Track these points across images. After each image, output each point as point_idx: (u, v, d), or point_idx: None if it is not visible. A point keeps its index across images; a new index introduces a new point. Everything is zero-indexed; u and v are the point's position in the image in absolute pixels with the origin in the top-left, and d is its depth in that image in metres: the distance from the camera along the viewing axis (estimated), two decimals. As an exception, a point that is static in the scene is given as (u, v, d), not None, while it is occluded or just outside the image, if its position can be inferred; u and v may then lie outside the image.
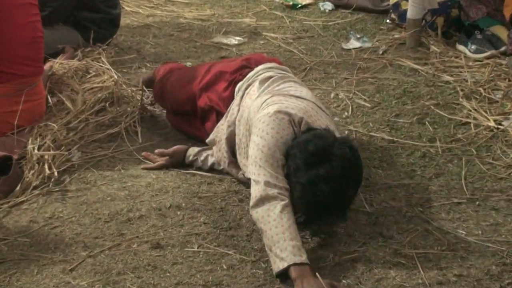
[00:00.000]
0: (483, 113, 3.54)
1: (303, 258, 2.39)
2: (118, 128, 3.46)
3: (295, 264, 2.38)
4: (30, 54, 3.45)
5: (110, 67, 3.85)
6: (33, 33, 3.46)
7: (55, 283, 2.52)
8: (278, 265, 2.42)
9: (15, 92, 3.40)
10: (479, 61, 4.18)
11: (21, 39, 3.40)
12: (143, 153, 3.29)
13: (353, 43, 4.60)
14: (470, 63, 4.17)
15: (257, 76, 3.11)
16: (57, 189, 3.06)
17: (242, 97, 3.07)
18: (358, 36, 4.68)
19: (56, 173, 3.11)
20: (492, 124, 3.43)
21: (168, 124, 3.59)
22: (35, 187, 3.07)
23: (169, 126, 3.57)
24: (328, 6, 5.31)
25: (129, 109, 3.60)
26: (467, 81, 3.91)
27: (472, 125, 3.46)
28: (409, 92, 3.86)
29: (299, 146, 2.60)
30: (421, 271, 2.50)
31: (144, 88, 3.74)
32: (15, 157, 3.17)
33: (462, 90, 3.81)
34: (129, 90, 3.72)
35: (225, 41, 4.65)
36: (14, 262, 2.65)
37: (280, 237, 2.43)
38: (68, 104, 3.53)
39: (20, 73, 3.41)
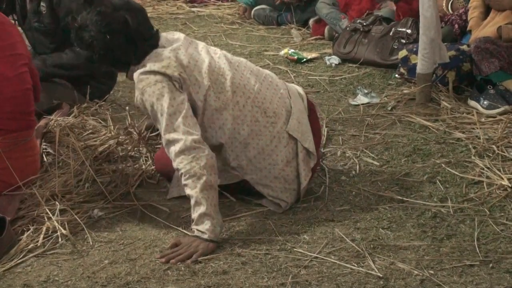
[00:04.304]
0: (497, 171, 3.62)
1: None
2: (116, 186, 3.52)
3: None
4: (18, 108, 3.42)
5: (109, 124, 3.93)
6: (21, 86, 3.43)
7: None
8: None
9: (6, 148, 3.39)
10: (492, 117, 4.27)
11: (9, 93, 3.38)
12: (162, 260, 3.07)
13: (361, 99, 4.68)
14: (483, 119, 4.25)
15: None
16: (52, 252, 3.11)
17: None
18: (366, 91, 4.76)
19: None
20: (506, 183, 3.50)
21: (167, 184, 3.62)
22: (29, 250, 3.11)
23: (168, 186, 3.60)
24: (335, 60, 5.43)
25: (129, 167, 3.68)
26: (479, 138, 3.99)
27: (485, 184, 3.53)
28: (419, 149, 3.95)
29: None
30: (432, 337, 2.55)
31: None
32: (8, 218, 3.20)
33: (474, 147, 3.89)
34: (128, 148, 3.82)
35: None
36: (7, 328, 2.69)
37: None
38: (67, 162, 3.57)
39: (9, 128, 3.40)
